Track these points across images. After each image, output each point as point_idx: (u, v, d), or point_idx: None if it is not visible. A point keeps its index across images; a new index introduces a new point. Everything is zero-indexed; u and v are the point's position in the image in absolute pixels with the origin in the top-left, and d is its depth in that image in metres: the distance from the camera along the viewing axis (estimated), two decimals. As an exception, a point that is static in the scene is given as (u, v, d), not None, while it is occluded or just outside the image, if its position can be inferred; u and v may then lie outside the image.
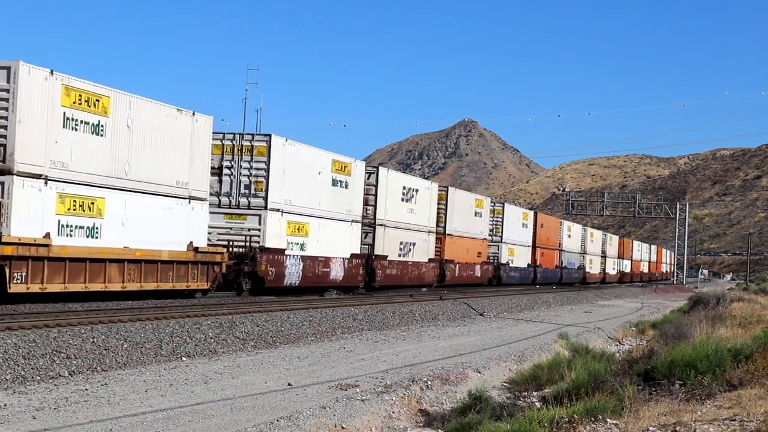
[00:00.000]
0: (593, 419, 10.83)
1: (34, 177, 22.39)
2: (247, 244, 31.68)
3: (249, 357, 18.94)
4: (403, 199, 44.57)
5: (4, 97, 21.77)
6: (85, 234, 24.01)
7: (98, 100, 24.29)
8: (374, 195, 41.40)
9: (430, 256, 48.09)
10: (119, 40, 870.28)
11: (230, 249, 30.85)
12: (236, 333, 20.88)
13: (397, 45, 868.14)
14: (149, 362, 17.12)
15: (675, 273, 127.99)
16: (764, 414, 10.19)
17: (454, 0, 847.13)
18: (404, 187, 44.81)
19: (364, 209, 40.27)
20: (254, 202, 32.25)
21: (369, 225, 41.03)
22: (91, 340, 16.81)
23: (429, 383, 16.16)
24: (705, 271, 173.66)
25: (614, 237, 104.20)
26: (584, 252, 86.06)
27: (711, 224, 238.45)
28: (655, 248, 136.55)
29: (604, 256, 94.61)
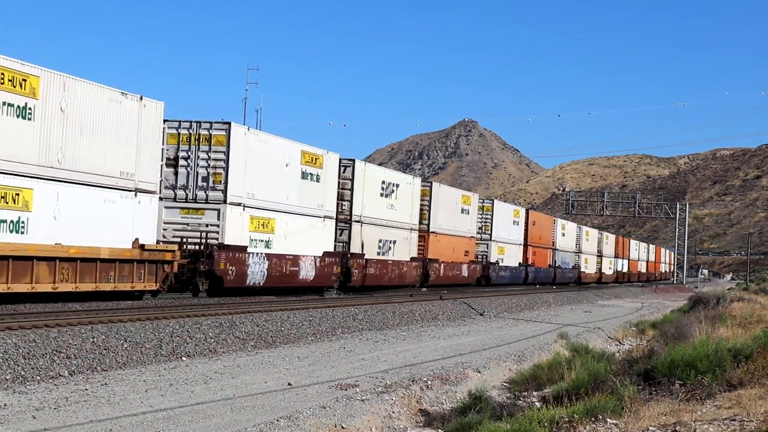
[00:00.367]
0: (593, 419, 10.83)
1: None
2: (204, 241, 29.40)
3: (249, 357, 18.95)
4: (383, 195, 42.03)
5: None
6: (8, 229, 21.47)
7: (25, 80, 21.67)
8: (350, 189, 38.73)
9: (413, 255, 45.72)
10: (119, 40, 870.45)
11: (184, 246, 28.50)
12: (236, 333, 20.90)
13: (397, 45, 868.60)
14: (149, 362, 17.13)
15: (675, 273, 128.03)
16: (764, 414, 10.19)
17: (454, 0, 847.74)
18: (383, 182, 42.24)
19: (339, 204, 37.86)
20: (212, 196, 29.82)
21: (344, 221, 38.59)
22: (91, 340, 16.82)
23: (429, 383, 16.16)
24: (705, 271, 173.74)
25: (611, 236, 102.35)
26: (579, 251, 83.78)
27: (711, 224, 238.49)
28: (654, 248, 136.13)
29: (601, 256, 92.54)
